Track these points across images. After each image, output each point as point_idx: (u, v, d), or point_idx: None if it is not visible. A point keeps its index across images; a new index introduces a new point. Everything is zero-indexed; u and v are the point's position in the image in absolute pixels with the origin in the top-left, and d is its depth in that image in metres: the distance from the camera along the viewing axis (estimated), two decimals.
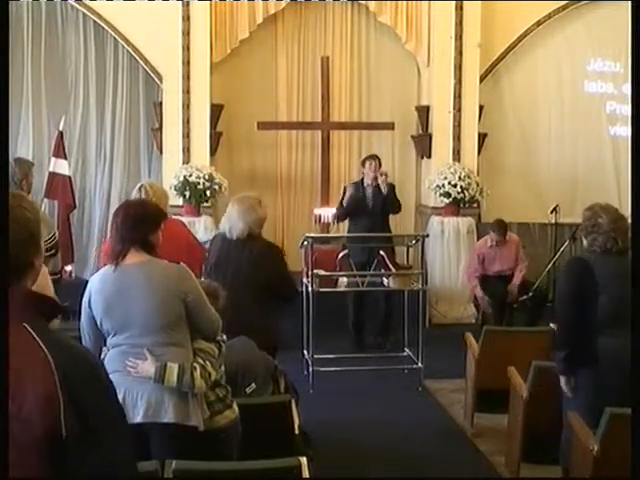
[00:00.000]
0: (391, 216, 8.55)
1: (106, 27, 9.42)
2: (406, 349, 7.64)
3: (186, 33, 9.21)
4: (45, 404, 1.63)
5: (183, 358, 3.72)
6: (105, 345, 3.82)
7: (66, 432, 1.63)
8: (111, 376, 3.73)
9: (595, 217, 4.52)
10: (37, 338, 1.69)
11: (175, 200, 9.07)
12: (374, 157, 8.51)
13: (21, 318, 1.71)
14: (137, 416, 3.63)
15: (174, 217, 6.52)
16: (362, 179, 8.49)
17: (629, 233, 4.50)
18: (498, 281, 8.55)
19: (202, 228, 9.00)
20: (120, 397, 3.63)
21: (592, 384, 4.38)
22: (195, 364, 3.71)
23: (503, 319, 8.47)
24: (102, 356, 3.83)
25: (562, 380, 4.56)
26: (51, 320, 1.80)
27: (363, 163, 8.52)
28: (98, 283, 3.82)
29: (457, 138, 9.65)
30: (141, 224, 3.82)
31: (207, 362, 3.75)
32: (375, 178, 8.29)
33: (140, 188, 5.50)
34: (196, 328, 3.82)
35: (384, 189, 8.27)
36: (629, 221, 4.56)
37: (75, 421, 1.65)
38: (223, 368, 3.93)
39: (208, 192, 9.04)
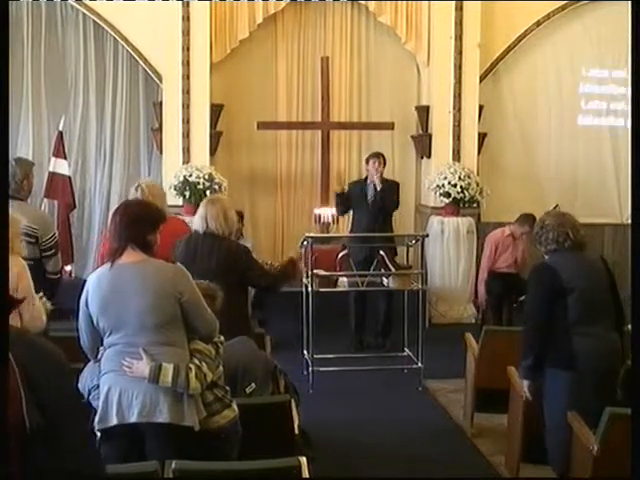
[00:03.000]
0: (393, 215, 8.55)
1: (106, 27, 9.42)
2: (406, 349, 7.64)
3: (186, 33, 9.21)
4: (8, 400, 1.64)
5: (179, 358, 3.71)
6: (102, 344, 3.82)
7: (30, 426, 1.65)
8: (107, 375, 3.79)
9: (541, 222, 4.70)
10: None
11: (175, 200, 9.09)
12: (377, 155, 8.43)
13: None
14: (132, 416, 3.63)
15: (177, 216, 6.55)
16: (366, 177, 8.47)
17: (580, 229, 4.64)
18: (501, 279, 8.53)
19: None
20: (115, 397, 3.65)
21: (570, 385, 4.41)
22: (191, 365, 3.70)
23: (502, 318, 8.48)
24: (99, 355, 3.84)
25: (525, 385, 4.63)
26: (8, 313, 1.79)
27: (367, 161, 8.49)
28: (95, 282, 3.82)
29: (457, 138, 9.66)
30: (139, 223, 3.82)
31: (203, 363, 3.74)
32: (378, 174, 8.26)
33: (137, 187, 5.48)
34: (192, 329, 3.81)
35: (378, 186, 8.23)
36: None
37: (38, 415, 1.66)
38: (222, 368, 3.93)
39: (208, 192, 9.03)
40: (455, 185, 9.33)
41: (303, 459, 3.25)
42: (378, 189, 8.22)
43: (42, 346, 1.86)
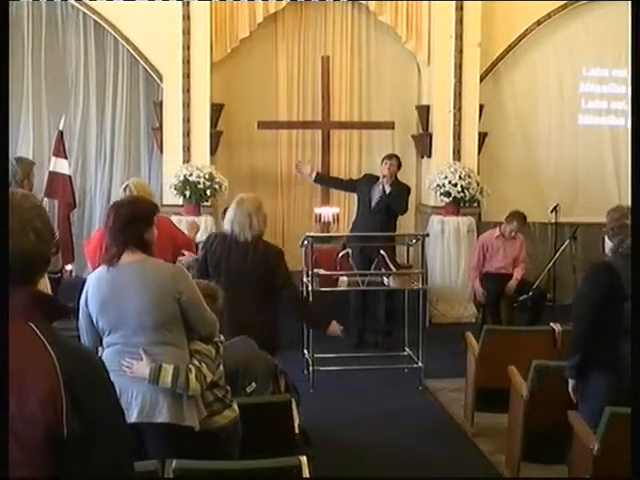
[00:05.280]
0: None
1: (106, 27, 9.42)
2: (406, 348, 7.64)
3: (186, 32, 9.21)
4: (48, 404, 1.63)
5: (178, 359, 3.71)
6: (101, 344, 3.82)
7: (67, 432, 1.63)
8: None
9: (622, 218, 4.35)
10: (42, 338, 1.69)
11: (175, 199, 9.09)
12: (390, 157, 8.56)
13: (27, 318, 1.71)
14: (132, 416, 3.62)
15: (162, 215, 6.54)
16: (379, 177, 8.53)
17: None
18: (497, 279, 8.54)
19: (202, 227, 8.97)
20: None
21: (609, 389, 4.29)
22: (191, 366, 3.69)
23: (500, 318, 8.47)
24: (98, 355, 3.84)
25: (570, 384, 4.49)
26: (55, 321, 1.80)
27: (381, 162, 8.57)
28: (94, 281, 3.82)
29: (457, 137, 9.65)
30: (134, 224, 3.80)
31: (203, 364, 3.73)
32: (385, 177, 8.33)
33: (125, 188, 5.53)
34: (192, 329, 3.81)
35: (387, 188, 8.30)
36: None
37: (77, 422, 1.65)
38: (222, 368, 3.93)
39: (208, 191, 9.04)
40: (455, 184, 9.33)
41: (303, 458, 3.26)
42: (387, 191, 8.28)
43: (85, 352, 1.85)
